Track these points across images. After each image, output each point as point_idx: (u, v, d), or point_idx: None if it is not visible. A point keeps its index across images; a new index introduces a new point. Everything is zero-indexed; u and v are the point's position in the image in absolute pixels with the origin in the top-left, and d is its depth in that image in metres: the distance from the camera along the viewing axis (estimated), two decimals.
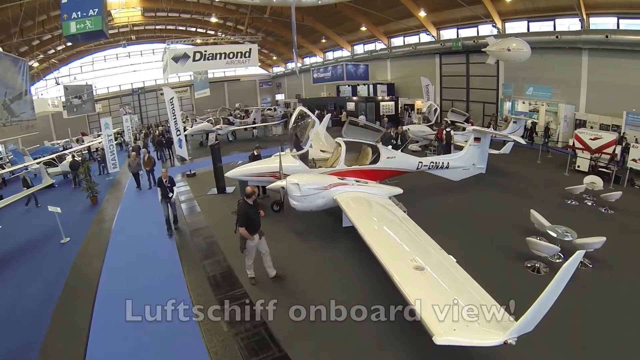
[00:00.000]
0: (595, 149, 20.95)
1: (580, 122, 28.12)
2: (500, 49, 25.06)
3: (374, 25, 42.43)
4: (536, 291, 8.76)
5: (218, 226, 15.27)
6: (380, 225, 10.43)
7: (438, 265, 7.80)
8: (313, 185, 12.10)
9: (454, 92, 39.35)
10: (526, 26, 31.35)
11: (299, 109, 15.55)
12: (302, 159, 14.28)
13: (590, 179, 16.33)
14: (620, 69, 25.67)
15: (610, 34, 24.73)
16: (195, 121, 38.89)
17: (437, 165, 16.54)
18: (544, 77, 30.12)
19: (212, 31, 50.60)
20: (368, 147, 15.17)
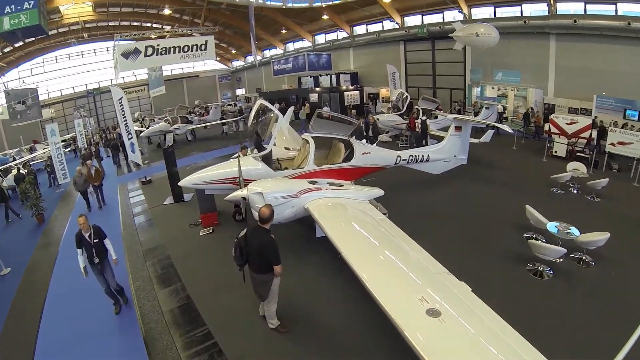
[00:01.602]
0: (572, 133, 20.79)
1: (549, 106, 28.41)
2: (468, 34, 24.49)
3: (336, 13, 41.13)
4: (545, 300, 8.52)
5: (174, 243, 13.06)
6: (368, 243, 8.41)
7: (455, 303, 5.99)
8: (280, 193, 10.14)
9: (420, 79, 38.87)
10: (493, 11, 31.04)
11: (259, 102, 13.19)
12: (265, 161, 12.18)
13: (573, 166, 16.20)
14: (588, 53, 26.00)
15: (578, 18, 25.07)
16: (154, 121, 36.01)
17: (416, 158, 15.14)
18: (513, 62, 30.04)
19: (169, 26, 48.49)
20: (340, 142, 13.35)
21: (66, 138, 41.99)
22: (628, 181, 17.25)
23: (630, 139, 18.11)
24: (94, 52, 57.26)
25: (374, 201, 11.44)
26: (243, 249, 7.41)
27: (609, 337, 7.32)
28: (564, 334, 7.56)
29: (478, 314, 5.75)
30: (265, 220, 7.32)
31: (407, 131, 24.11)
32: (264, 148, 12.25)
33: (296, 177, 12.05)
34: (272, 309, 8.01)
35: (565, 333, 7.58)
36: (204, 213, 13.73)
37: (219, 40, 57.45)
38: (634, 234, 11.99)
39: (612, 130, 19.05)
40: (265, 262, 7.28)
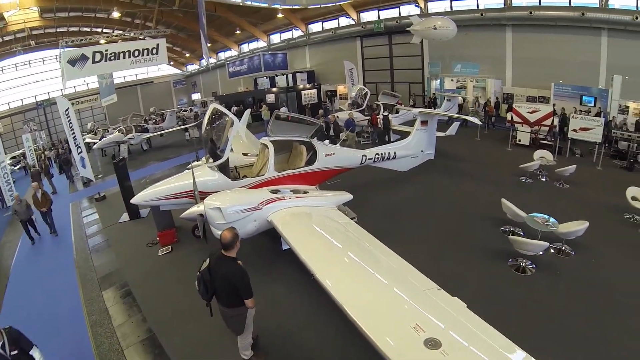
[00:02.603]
0: (534, 121, 20.96)
1: (507, 96, 29.37)
2: (426, 28, 24.56)
3: (291, 12, 40.48)
4: (531, 297, 8.38)
5: (132, 267, 11.77)
6: (343, 259, 7.46)
7: (454, 327, 5.27)
8: (240, 207, 9.07)
9: (377, 74, 38.97)
10: (449, 5, 31.37)
11: (212, 106, 11.91)
12: (222, 170, 10.99)
13: (540, 154, 16.35)
14: (544, 43, 26.85)
15: (533, 10, 25.90)
16: (107, 132, 33.62)
17: (382, 156, 14.39)
18: (471, 54, 30.51)
19: (120, 30, 46.74)
20: (301, 145, 12.37)
21: (15, 155, 39.44)
22: (592, 165, 17.81)
23: (592, 125, 18.49)
24: (42, 60, 53.82)
25: (342, 206, 10.78)
26: (208, 283, 6.35)
27: (597, 328, 7.46)
28: (553, 329, 7.44)
29: (481, 336, 5.10)
30: (228, 246, 6.28)
31: (369, 127, 23.78)
32: (220, 156, 10.94)
33: (256, 186, 11.06)
34: (246, 341, 7.16)
35: (555, 328, 7.47)
36: (161, 231, 12.47)
37: (172, 44, 55.95)
38: (606, 218, 12.22)
39: (574, 117, 19.38)
40: (235, 294, 6.33)
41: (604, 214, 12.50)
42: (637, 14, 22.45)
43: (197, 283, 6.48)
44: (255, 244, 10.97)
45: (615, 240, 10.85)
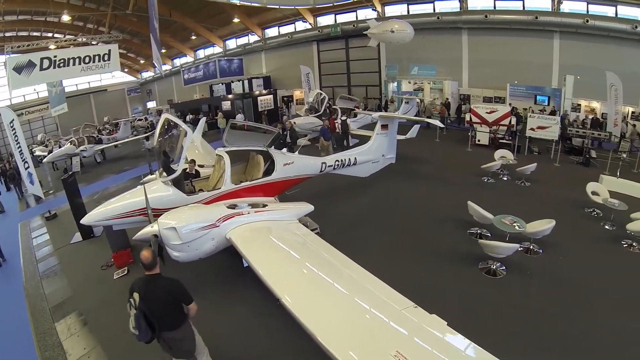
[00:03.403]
0: (493, 121, 21.34)
1: (464, 97, 30.17)
2: (383, 31, 24.72)
3: (248, 16, 39.75)
4: (505, 299, 8.33)
5: (86, 293, 10.65)
6: (311, 280, 6.98)
7: (438, 349, 4.99)
8: (196, 225, 8.37)
9: (334, 78, 38.82)
10: (406, 9, 31.69)
11: (164, 117, 11.04)
12: (177, 185, 10.17)
13: (501, 154, 16.54)
14: (499, 46, 27.87)
15: (488, 13, 26.79)
16: (59, 143, 31.19)
17: (343, 163, 13.91)
18: (428, 56, 30.98)
19: (72, 35, 45.03)
20: (258, 154, 11.79)
21: None
22: (550, 163, 18.34)
23: (548, 123, 19.03)
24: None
25: (303, 217, 10.39)
26: (149, 315, 5.70)
27: (573, 325, 7.56)
28: (530, 331, 7.43)
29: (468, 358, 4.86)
30: (152, 265, 5.85)
31: None
32: (173, 170, 10.24)
33: (213, 200, 10.37)
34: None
35: (532, 330, 7.45)
36: (116, 251, 11.52)
37: (126, 50, 53.97)
38: (569, 214, 12.54)
39: (531, 117, 19.92)
40: (178, 310, 5.97)
41: (567, 210, 12.83)
42: (587, 18, 23.91)
43: (134, 324, 5.68)
44: (215, 261, 9.81)
45: (580, 235, 11.24)
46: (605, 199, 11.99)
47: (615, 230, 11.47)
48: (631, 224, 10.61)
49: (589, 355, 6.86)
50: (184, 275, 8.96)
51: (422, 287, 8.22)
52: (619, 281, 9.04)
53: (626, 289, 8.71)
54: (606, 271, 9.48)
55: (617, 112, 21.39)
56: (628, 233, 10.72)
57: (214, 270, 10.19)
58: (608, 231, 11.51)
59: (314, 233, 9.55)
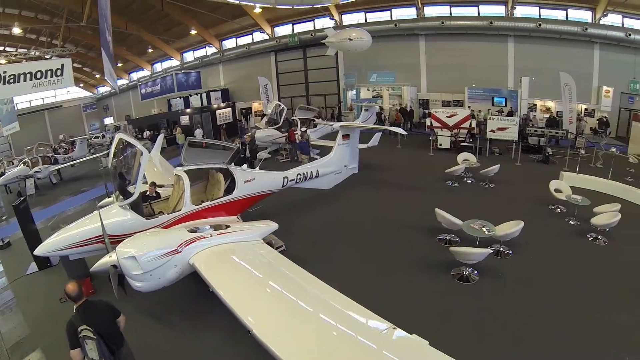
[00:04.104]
0: (453, 125, 21.68)
1: (423, 102, 30.87)
2: (341, 40, 24.76)
3: (205, 28, 39.34)
4: (479, 305, 8.20)
5: (45, 330, 9.38)
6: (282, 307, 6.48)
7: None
8: (157, 252, 7.75)
9: (292, 88, 38.77)
10: (363, 17, 32.14)
11: (118, 137, 10.27)
12: (135, 209, 9.51)
13: (463, 157, 16.71)
14: (456, 51, 28.79)
15: (445, 20, 27.80)
16: (12, 165, 29.27)
17: (305, 176, 13.53)
18: (386, 63, 31.44)
19: (24, 49, 43.37)
20: (217, 172, 11.28)
21: None
22: (511, 162, 18.74)
23: (508, 124, 19.46)
24: None
25: (268, 235, 9.95)
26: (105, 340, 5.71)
27: (548, 323, 7.59)
28: (508, 335, 7.37)
29: None
30: (80, 295, 5.81)
31: (287, 144, 22.46)
32: (130, 193, 9.42)
33: (174, 223, 9.84)
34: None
35: (509, 333, 7.40)
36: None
37: (81, 64, 52.35)
38: (534, 212, 12.76)
39: (491, 119, 20.31)
40: (117, 327, 6.07)
41: (532, 209, 13.05)
42: (539, 22, 25.36)
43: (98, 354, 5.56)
44: (180, 287, 9.08)
45: (546, 232, 11.43)
46: (569, 196, 12.33)
47: (579, 225, 11.80)
48: (595, 218, 11.01)
49: (568, 352, 6.90)
50: (149, 304, 8.91)
51: (397, 302, 8.11)
52: (588, 274, 9.28)
53: (596, 281, 8.95)
54: (575, 265, 9.69)
55: (572, 110, 22.11)
56: (592, 227, 10.99)
57: (180, 296, 9.38)
58: (573, 226, 11.83)
59: (280, 251, 9.47)
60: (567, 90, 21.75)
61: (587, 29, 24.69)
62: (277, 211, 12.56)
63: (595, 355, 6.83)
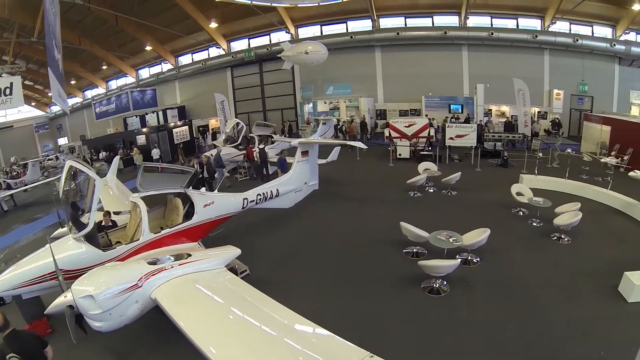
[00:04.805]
0: (412, 134, 21.85)
1: (380, 112, 31.38)
2: (297, 53, 24.70)
3: (160, 43, 38.70)
4: (453, 317, 8.06)
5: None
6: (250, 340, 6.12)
7: None
8: (116, 288, 7.13)
9: (249, 104, 38.43)
10: (319, 30, 32.38)
11: (68, 163, 9.34)
12: (90, 241, 8.69)
13: (424, 166, 16.65)
14: (412, 61, 29.60)
15: (400, 31, 28.55)
16: None
17: (265, 196, 13.02)
18: (343, 75, 31.69)
19: None
20: (175, 197, 10.74)
21: None
22: (471, 168, 19.01)
23: (466, 131, 19.76)
24: None
25: (233, 260, 9.51)
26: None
27: (522, 327, 7.63)
28: (484, 343, 7.32)
29: None
30: (5, 326, 5.69)
31: (246, 162, 21.78)
32: (84, 224, 8.60)
33: (133, 253, 9.20)
34: None
35: (485, 342, 7.34)
36: (30, 322, 9.37)
37: (33, 81, 50.15)
38: (497, 216, 12.94)
39: (449, 127, 20.59)
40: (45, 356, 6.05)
41: (495, 213, 13.23)
42: (492, 30, 26.76)
43: None
44: (147, 319, 8.07)
45: (512, 236, 11.59)
46: (530, 199, 12.58)
47: (543, 226, 12.10)
48: (557, 219, 11.30)
49: (546, 352, 6.97)
50: (116, 341, 8.21)
51: (370, 321, 7.89)
52: (556, 273, 9.50)
53: (565, 279, 9.19)
54: (543, 266, 9.88)
55: (526, 114, 22.79)
56: (555, 227, 11.20)
57: (146, 329, 8.52)
58: (537, 228, 12.09)
59: (244, 275, 9.40)
60: (521, 95, 22.44)
61: (537, 36, 26.20)
62: (239, 233, 12.26)
63: (573, 351, 6.95)
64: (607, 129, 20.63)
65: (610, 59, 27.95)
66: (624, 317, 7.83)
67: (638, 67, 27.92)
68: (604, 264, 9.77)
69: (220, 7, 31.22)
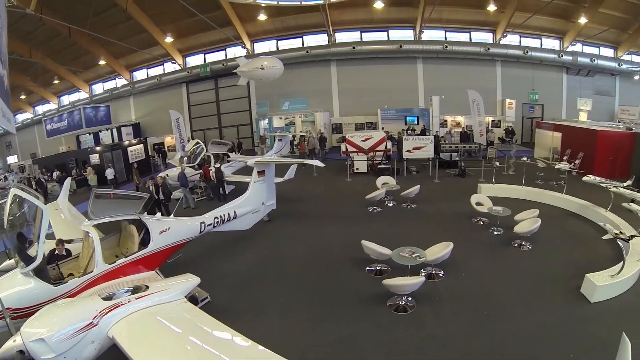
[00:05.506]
0: (369, 148, 21.78)
1: (336, 126, 31.50)
2: (253, 69, 24.47)
3: (114, 58, 37.50)
4: (421, 334, 7.87)
5: None
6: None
7: None
8: (70, 328, 6.47)
9: (205, 120, 37.84)
10: (275, 44, 32.41)
11: (13, 192, 8.56)
12: (39, 275, 7.92)
13: (383, 180, 16.59)
14: (367, 74, 30.30)
15: (356, 45, 29.23)
16: None
17: (222, 219, 12.52)
18: (298, 90, 31.74)
19: None
20: (130, 224, 10.13)
21: None
22: (429, 179, 19.14)
23: (423, 143, 19.94)
24: None
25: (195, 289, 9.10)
26: None
27: (492, 337, 7.63)
28: (458, 358, 7.23)
29: None
30: None
31: (202, 182, 20.93)
32: (32, 257, 7.79)
33: (87, 286, 8.50)
34: None
35: (459, 356, 7.25)
36: None
37: None
38: (458, 228, 12.98)
39: (406, 140, 20.69)
40: None
41: (456, 225, 13.28)
42: (446, 44, 28.04)
43: None
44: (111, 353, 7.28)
45: (474, 246, 11.64)
46: (490, 208, 12.71)
47: (503, 234, 12.28)
48: (517, 227, 11.51)
49: None
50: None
51: (339, 346, 7.61)
52: (520, 280, 9.62)
53: (529, 286, 9.31)
54: (506, 274, 9.99)
55: (481, 124, 23.28)
56: (516, 234, 11.36)
57: None
58: (498, 236, 12.23)
59: (205, 303, 9.15)
60: (476, 105, 22.89)
61: (490, 49, 27.60)
62: (197, 258, 11.82)
63: (544, 357, 7.00)
64: (559, 135, 21.57)
65: (559, 69, 30.31)
66: (589, 317, 8.04)
67: (584, 75, 29.84)
68: (566, 267, 10.04)
69: (176, 21, 30.93)
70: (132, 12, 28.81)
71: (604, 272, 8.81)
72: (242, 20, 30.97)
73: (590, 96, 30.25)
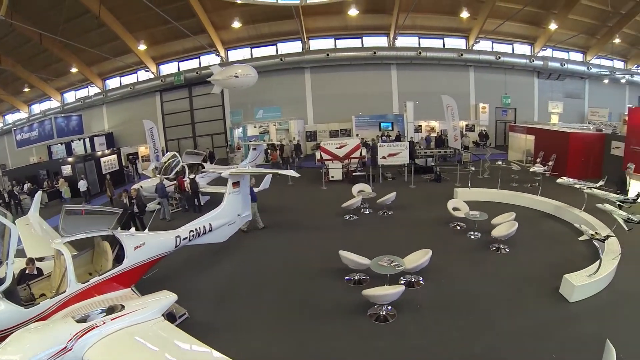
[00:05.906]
0: (344, 156, 21.71)
1: (310, 134, 31.55)
2: (227, 77, 24.26)
3: (87, 65, 36.48)
4: (407, 344, 7.72)
5: None
6: None
7: None
8: (44, 354, 6.18)
9: (178, 130, 37.14)
10: (249, 52, 32.32)
11: None
12: (10, 297, 7.55)
13: (358, 188, 16.50)
14: (342, 81, 30.61)
15: (330, 52, 29.36)
16: None
17: (198, 232, 12.16)
18: (272, 98, 31.74)
19: None
20: (103, 240, 9.69)
21: None
22: (405, 185, 19.15)
23: (399, 150, 19.97)
24: None
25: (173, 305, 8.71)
26: None
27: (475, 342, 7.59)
28: None
29: None
30: None
31: (177, 193, 20.46)
32: (2, 279, 7.45)
33: (60, 307, 8.08)
34: None
35: None
36: None
37: None
38: (436, 233, 13.07)
39: (381, 146, 20.62)
40: None
41: (433, 230, 13.31)
42: (419, 50, 28.62)
43: None
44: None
45: (452, 252, 11.62)
46: (467, 213, 12.78)
47: (481, 237, 12.36)
48: (495, 231, 11.63)
49: None
50: None
51: (319, 357, 7.52)
52: (499, 284, 9.68)
53: (508, 289, 9.38)
54: (485, 278, 10.02)
55: (456, 129, 23.50)
56: (493, 238, 11.43)
57: None
58: (475, 241, 12.26)
59: (183, 320, 8.91)
60: (450, 110, 23.11)
61: (463, 55, 28.21)
62: (174, 272, 11.53)
63: (527, 359, 7.07)
64: (532, 138, 22.02)
65: (530, 73, 31.38)
66: (569, 317, 8.17)
67: (555, 79, 30.75)
68: (544, 268, 10.15)
69: (150, 29, 30.52)
70: (104, 19, 28.20)
71: (581, 272, 8.96)
72: (217, 28, 30.76)
73: (561, 99, 31.65)
